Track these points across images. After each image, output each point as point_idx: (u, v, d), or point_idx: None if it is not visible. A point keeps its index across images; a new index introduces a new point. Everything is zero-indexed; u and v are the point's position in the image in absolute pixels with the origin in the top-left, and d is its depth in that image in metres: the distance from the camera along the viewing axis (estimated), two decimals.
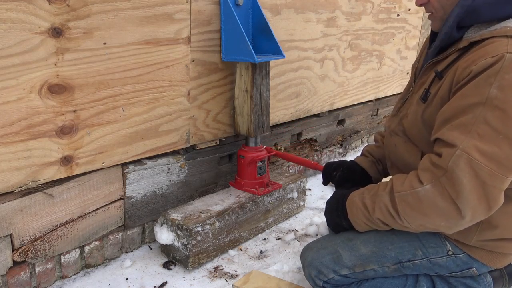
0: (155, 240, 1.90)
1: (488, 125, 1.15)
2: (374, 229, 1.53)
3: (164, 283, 1.75)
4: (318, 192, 2.65)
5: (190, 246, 1.78)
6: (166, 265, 1.86)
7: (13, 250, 1.55)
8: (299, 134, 2.72)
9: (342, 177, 1.78)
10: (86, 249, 1.78)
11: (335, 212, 1.53)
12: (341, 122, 3.07)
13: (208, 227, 1.84)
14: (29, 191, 1.54)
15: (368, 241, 1.50)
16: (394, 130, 1.54)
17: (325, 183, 1.86)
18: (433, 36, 1.47)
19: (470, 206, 1.18)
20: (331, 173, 1.82)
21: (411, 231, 1.37)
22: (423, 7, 1.44)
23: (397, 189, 1.30)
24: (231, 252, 1.97)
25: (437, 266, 1.46)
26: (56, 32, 1.43)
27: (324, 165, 1.88)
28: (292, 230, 2.20)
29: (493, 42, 1.20)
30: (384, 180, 1.71)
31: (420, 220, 1.27)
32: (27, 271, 1.61)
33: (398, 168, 1.56)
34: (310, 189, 2.65)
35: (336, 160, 3.11)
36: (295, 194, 2.30)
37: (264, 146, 2.17)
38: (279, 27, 2.24)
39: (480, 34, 1.25)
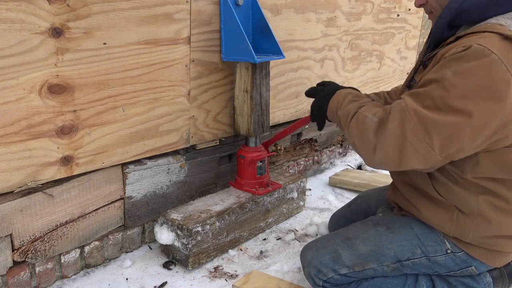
0: (155, 240, 1.90)
1: (432, 100, 1.22)
2: (373, 229, 1.53)
3: (164, 283, 1.75)
4: (318, 192, 2.65)
5: (190, 246, 1.78)
6: (166, 265, 1.86)
7: (13, 250, 1.55)
8: (299, 134, 2.72)
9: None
10: (86, 249, 1.78)
11: (326, 96, 1.58)
12: None
13: (208, 227, 1.84)
14: (29, 191, 1.54)
15: (367, 240, 1.50)
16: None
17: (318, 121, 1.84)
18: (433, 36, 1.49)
19: (383, 148, 1.28)
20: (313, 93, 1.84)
21: (349, 144, 1.46)
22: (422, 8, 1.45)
23: (364, 107, 1.40)
24: (231, 252, 1.97)
25: (436, 265, 1.46)
26: (56, 32, 1.43)
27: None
28: (292, 230, 2.20)
29: (471, 36, 1.26)
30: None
31: (353, 138, 1.37)
32: (27, 271, 1.61)
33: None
34: (310, 189, 2.65)
35: (336, 159, 3.12)
36: (295, 194, 2.30)
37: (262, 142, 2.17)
38: (279, 27, 2.24)
39: (466, 31, 1.30)
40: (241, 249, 2.02)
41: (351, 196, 2.41)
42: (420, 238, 1.46)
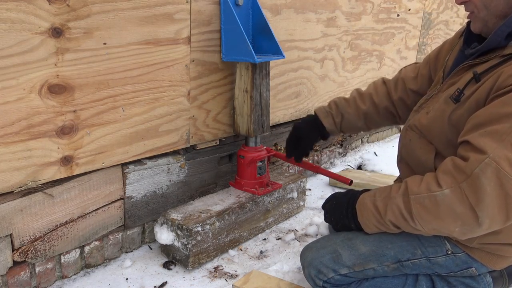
0: (155, 240, 1.90)
1: None
2: None
3: (164, 283, 1.75)
4: (318, 192, 2.65)
5: (190, 246, 1.78)
6: (166, 265, 1.86)
7: (13, 250, 1.55)
8: None
9: (290, 139, 1.91)
10: (86, 249, 1.78)
11: (344, 213, 1.52)
12: None
13: (208, 227, 1.84)
14: (29, 191, 1.54)
15: (367, 240, 1.50)
16: (411, 125, 1.53)
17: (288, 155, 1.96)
18: (469, 36, 1.42)
19: (489, 214, 1.17)
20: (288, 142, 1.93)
21: (422, 234, 1.35)
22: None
23: (412, 190, 1.27)
24: (231, 252, 1.97)
25: (436, 266, 1.46)
26: (56, 32, 1.43)
27: (320, 171, 1.95)
28: (292, 230, 2.20)
29: None
30: (392, 181, 1.70)
31: (434, 224, 1.25)
32: (27, 271, 1.61)
33: (408, 164, 1.56)
34: (310, 189, 2.65)
35: (336, 159, 3.12)
36: (295, 194, 2.30)
37: (264, 147, 2.17)
38: (279, 27, 2.24)
39: None
40: (241, 249, 2.02)
41: None
42: (420, 239, 1.46)
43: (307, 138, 1.87)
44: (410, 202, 1.27)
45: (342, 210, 1.53)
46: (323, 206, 1.64)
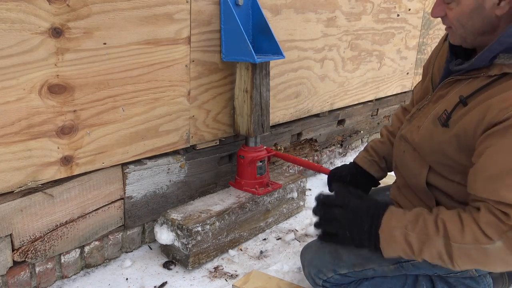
0: (155, 240, 1.90)
1: None
2: None
3: (164, 283, 1.75)
4: (318, 192, 2.64)
5: (190, 246, 1.78)
6: (166, 265, 1.86)
7: (13, 250, 1.55)
8: (299, 134, 2.72)
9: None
10: (86, 249, 1.78)
11: (363, 236, 1.32)
12: (341, 122, 3.07)
13: (208, 227, 1.84)
14: (29, 191, 1.54)
15: None
16: (404, 136, 1.49)
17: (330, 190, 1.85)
18: (454, 46, 1.37)
19: None
20: (332, 187, 1.81)
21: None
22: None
23: (455, 238, 1.18)
24: (231, 252, 1.97)
25: (436, 267, 1.46)
26: (56, 32, 1.43)
27: (329, 172, 1.87)
28: (292, 230, 2.20)
29: None
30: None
31: (477, 267, 1.22)
32: (27, 271, 1.61)
33: (402, 175, 1.55)
34: (310, 189, 2.65)
35: (336, 159, 3.12)
36: (295, 194, 2.30)
37: (264, 147, 2.18)
38: (279, 27, 2.24)
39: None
40: (241, 249, 2.02)
41: None
42: None
43: (362, 191, 1.70)
44: (452, 249, 1.19)
45: (362, 228, 1.31)
46: (319, 210, 1.43)
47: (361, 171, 1.76)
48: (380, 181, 1.81)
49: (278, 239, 2.12)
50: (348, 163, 1.84)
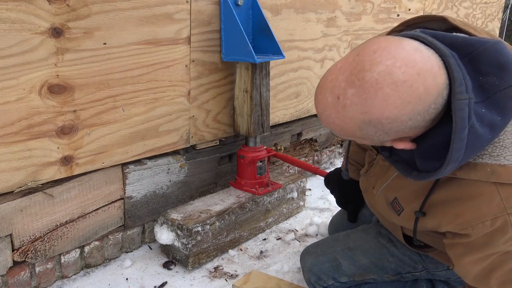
0: (155, 240, 1.90)
1: None
2: (374, 240, 1.50)
3: (164, 283, 1.75)
4: (318, 192, 2.64)
5: (190, 246, 1.78)
6: (166, 265, 1.86)
7: (13, 250, 1.55)
8: (299, 134, 2.72)
9: (340, 204, 1.79)
10: (86, 249, 1.78)
11: None
12: None
13: (208, 227, 1.84)
14: (29, 191, 1.54)
15: (368, 252, 1.48)
16: (366, 191, 1.42)
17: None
18: None
19: None
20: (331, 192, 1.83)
21: None
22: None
23: None
24: (231, 252, 1.97)
25: (436, 276, 1.46)
26: (56, 32, 1.43)
27: (325, 174, 1.88)
28: (292, 230, 2.20)
29: (476, 193, 1.02)
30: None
31: None
32: (27, 271, 1.61)
33: (377, 216, 1.50)
34: (310, 189, 2.65)
35: (336, 159, 3.12)
36: (295, 194, 2.30)
37: (264, 147, 2.18)
38: (279, 27, 2.24)
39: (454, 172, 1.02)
40: (241, 249, 2.02)
41: None
42: (422, 255, 1.44)
43: (356, 201, 1.73)
44: None
45: None
46: None
47: (350, 181, 1.68)
48: None
49: (278, 239, 2.12)
50: (340, 169, 1.82)
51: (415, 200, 1.15)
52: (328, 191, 1.95)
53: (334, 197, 1.81)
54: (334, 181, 1.79)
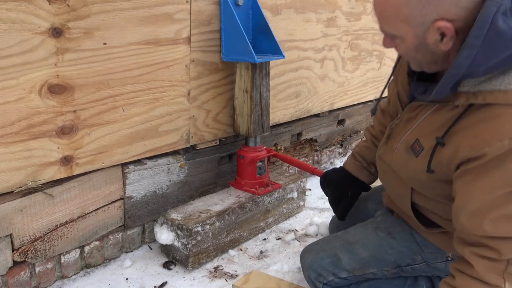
0: (155, 240, 1.90)
1: None
2: (373, 233, 1.52)
3: (164, 283, 1.75)
4: (318, 192, 2.64)
5: (190, 246, 1.78)
6: (166, 265, 1.86)
7: (13, 250, 1.55)
8: (299, 134, 2.72)
9: (333, 199, 1.76)
10: (86, 249, 1.78)
11: None
12: (341, 122, 3.07)
13: (208, 227, 1.84)
14: (29, 191, 1.54)
15: (367, 245, 1.49)
16: (382, 157, 1.46)
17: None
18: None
19: None
20: (324, 190, 1.81)
21: None
22: None
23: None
24: (231, 252, 1.97)
25: (436, 270, 1.46)
26: (56, 32, 1.43)
27: (322, 172, 1.88)
28: (292, 230, 2.20)
29: (500, 114, 1.06)
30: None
31: None
32: (27, 271, 1.61)
33: (388, 194, 1.53)
34: (310, 189, 2.65)
35: (336, 159, 3.12)
36: (295, 194, 2.30)
37: (264, 147, 2.18)
38: (279, 27, 2.24)
39: (481, 94, 1.09)
40: (241, 249, 2.02)
41: None
42: (421, 245, 1.45)
43: (351, 197, 1.74)
44: None
45: None
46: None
47: (350, 176, 1.72)
48: (371, 185, 1.79)
49: (278, 239, 2.12)
50: (339, 167, 1.82)
51: (437, 133, 1.18)
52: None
53: (327, 194, 1.79)
54: (333, 175, 1.78)
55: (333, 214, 2.03)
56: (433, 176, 1.22)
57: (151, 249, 1.98)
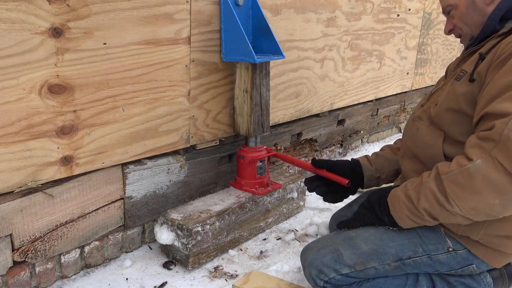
0: (155, 240, 1.90)
1: None
2: (374, 227, 1.53)
3: (164, 283, 1.75)
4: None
5: (190, 246, 1.78)
6: (166, 265, 1.86)
7: (13, 250, 1.55)
8: (299, 134, 2.72)
9: (321, 192, 1.84)
10: (86, 249, 1.78)
11: (377, 208, 1.48)
12: (341, 122, 3.07)
13: (208, 227, 1.84)
14: (29, 191, 1.54)
15: (368, 239, 1.50)
16: (418, 115, 1.57)
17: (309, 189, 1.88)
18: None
19: None
20: (310, 183, 1.86)
21: (460, 221, 1.28)
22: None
23: (443, 171, 1.24)
24: (231, 252, 1.97)
25: (437, 263, 1.46)
26: (56, 32, 1.43)
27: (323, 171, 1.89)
28: (292, 230, 2.20)
29: None
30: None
31: (472, 201, 1.19)
32: (27, 271, 1.61)
33: (413, 155, 1.56)
34: None
35: (336, 159, 3.11)
36: (295, 194, 2.30)
37: (264, 147, 2.18)
38: (279, 27, 2.24)
39: None
40: (241, 249, 2.02)
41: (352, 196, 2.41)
42: (421, 237, 1.46)
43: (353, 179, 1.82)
44: (443, 183, 1.23)
45: (374, 207, 1.49)
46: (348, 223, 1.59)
47: (347, 161, 1.84)
48: (362, 187, 1.85)
49: (278, 239, 2.12)
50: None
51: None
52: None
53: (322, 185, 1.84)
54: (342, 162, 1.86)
55: (333, 213, 2.03)
56: (471, 89, 1.34)
57: (151, 249, 1.98)
